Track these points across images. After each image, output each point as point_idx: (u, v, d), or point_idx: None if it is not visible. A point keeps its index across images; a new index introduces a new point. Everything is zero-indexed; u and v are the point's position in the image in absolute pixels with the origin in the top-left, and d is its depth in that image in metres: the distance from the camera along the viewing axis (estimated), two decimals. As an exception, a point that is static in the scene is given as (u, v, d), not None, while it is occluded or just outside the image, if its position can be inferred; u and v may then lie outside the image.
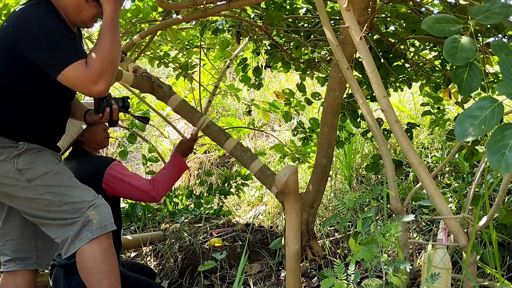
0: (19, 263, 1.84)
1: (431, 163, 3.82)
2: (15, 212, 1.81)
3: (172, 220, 3.42)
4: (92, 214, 1.66)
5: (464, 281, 1.54)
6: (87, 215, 1.66)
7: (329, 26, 1.70)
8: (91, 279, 1.66)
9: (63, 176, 1.73)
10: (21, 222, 1.83)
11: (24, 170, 1.65)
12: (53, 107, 1.75)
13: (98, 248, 1.65)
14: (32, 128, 1.70)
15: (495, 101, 1.08)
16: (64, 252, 1.68)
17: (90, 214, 1.66)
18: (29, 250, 1.86)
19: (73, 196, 1.69)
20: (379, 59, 2.47)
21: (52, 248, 1.94)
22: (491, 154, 1.02)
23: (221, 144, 2.35)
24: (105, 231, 1.68)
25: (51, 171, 1.70)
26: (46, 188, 1.67)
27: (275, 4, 2.69)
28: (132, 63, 2.48)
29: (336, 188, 4.06)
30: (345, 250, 2.65)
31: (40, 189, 1.66)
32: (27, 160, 1.66)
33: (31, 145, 1.68)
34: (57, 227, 1.69)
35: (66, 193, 1.69)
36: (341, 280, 1.35)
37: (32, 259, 1.86)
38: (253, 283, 2.27)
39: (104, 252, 1.66)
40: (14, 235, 1.84)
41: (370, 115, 1.70)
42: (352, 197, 1.55)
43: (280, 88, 5.42)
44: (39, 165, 1.68)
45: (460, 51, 1.23)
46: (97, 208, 1.68)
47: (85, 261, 1.65)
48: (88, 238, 1.65)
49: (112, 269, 1.68)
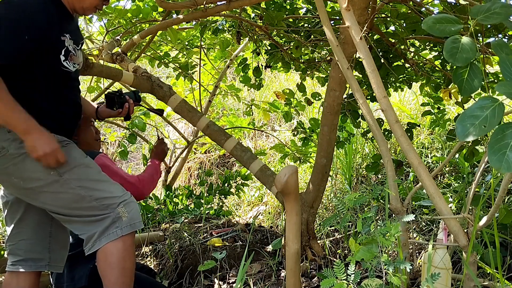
0: (32, 264, 1.81)
1: (431, 163, 3.82)
2: (32, 212, 1.78)
3: (172, 220, 3.41)
4: (122, 211, 1.64)
5: (464, 281, 1.54)
6: (117, 211, 1.63)
7: (329, 26, 1.70)
8: (110, 274, 1.63)
9: (93, 170, 1.70)
10: (36, 222, 1.80)
11: None
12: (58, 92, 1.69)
13: (122, 245, 1.63)
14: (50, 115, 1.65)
15: (496, 101, 1.08)
16: (88, 247, 1.65)
17: (121, 211, 1.64)
18: (42, 251, 1.82)
19: (103, 191, 1.65)
20: (379, 59, 2.47)
21: (65, 250, 1.91)
22: (492, 154, 1.02)
23: (221, 144, 2.35)
24: (134, 229, 1.66)
25: (82, 164, 1.67)
26: (77, 182, 1.63)
27: (275, 4, 2.69)
28: (132, 63, 2.48)
29: (336, 188, 4.06)
30: (345, 250, 2.65)
31: (72, 183, 1.62)
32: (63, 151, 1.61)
33: (58, 137, 1.64)
34: (84, 224, 1.65)
35: (97, 188, 1.65)
36: (341, 280, 1.35)
37: (44, 261, 1.83)
38: (253, 283, 2.27)
39: (127, 249, 1.65)
40: (28, 235, 1.80)
41: (370, 115, 1.70)
42: (352, 197, 1.55)
43: (280, 88, 5.42)
44: (69, 158, 1.64)
45: (461, 52, 1.23)
46: (127, 205, 1.66)
47: (108, 256, 1.62)
48: (116, 235, 1.63)
49: (131, 268, 1.67)
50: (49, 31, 1.58)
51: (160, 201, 3.67)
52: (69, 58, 1.67)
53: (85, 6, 1.68)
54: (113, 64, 2.63)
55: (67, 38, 1.65)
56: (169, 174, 4.32)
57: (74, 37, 1.71)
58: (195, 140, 4.59)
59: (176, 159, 4.40)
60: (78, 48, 1.74)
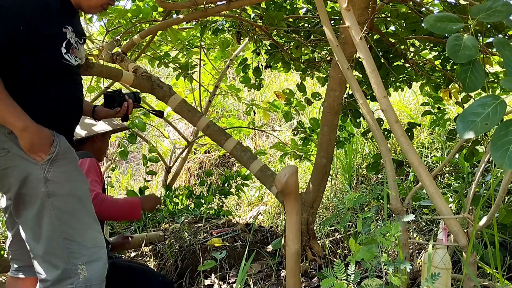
0: (34, 270, 1.70)
1: (431, 163, 3.82)
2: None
3: (172, 220, 3.41)
4: (81, 269, 1.52)
5: (464, 281, 1.53)
6: (76, 268, 1.51)
7: (329, 26, 1.69)
8: None
9: (83, 206, 1.57)
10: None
11: (51, 181, 1.49)
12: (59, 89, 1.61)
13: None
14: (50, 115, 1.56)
15: (497, 99, 1.07)
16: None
17: (81, 268, 1.52)
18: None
19: (78, 235, 1.53)
20: (379, 59, 2.47)
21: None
22: (494, 150, 1.02)
23: (221, 144, 2.35)
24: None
25: (75, 194, 1.55)
26: (60, 212, 1.50)
27: (275, 4, 2.69)
28: (132, 63, 2.48)
29: (336, 188, 4.06)
30: (345, 250, 2.64)
31: (55, 211, 1.49)
32: (59, 171, 1.51)
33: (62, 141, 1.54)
34: (43, 262, 1.53)
35: (75, 229, 1.53)
36: (341, 280, 1.35)
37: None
38: (253, 283, 2.27)
39: None
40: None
41: (370, 115, 1.70)
42: (352, 197, 1.55)
43: (280, 88, 5.42)
44: (66, 180, 1.52)
45: (463, 49, 1.23)
46: (91, 265, 1.54)
47: None
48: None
49: None
50: (47, 21, 1.51)
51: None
52: (70, 51, 1.59)
53: (92, 4, 1.64)
54: (113, 64, 2.63)
55: (69, 30, 1.58)
56: (169, 174, 4.32)
57: (76, 30, 1.63)
58: (195, 140, 4.58)
59: (176, 159, 4.40)
60: (80, 42, 1.66)
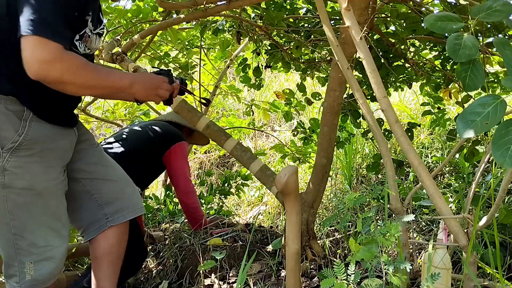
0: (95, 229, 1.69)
1: (431, 163, 3.81)
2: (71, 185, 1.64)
3: (172, 220, 3.42)
4: (29, 268, 1.47)
5: (464, 281, 1.53)
6: (23, 266, 1.46)
7: (329, 26, 1.69)
8: None
9: (42, 202, 1.46)
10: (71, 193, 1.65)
11: (9, 172, 1.39)
12: None
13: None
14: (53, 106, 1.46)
15: (498, 98, 1.07)
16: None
17: (28, 267, 1.46)
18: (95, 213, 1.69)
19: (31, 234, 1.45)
20: (379, 59, 2.47)
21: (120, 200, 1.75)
22: (495, 149, 1.02)
23: (221, 144, 2.35)
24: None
25: (34, 188, 1.43)
26: (13, 206, 1.41)
27: (275, 4, 2.69)
28: (133, 63, 2.48)
29: (336, 188, 4.06)
30: (345, 250, 2.64)
31: (8, 204, 1.40)
32: (20, 161, 1.40)
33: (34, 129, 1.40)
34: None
35: (27, 226, 1.44)
36: (341, 280, 1.35)
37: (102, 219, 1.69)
38: (253, 283, 2.27)
39: None
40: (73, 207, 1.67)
41: (370, 115, 1.70)
42: (352, 197, 1.55)
43: (280, 88, 5.42)
44: (26, 171, 1.41)
45: (463, 48, 1.22)
46: (38, 264, 1.48)
47: None
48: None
49: None
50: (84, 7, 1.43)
51: (160, 201, 3.67)
52: (83, 39, 1.49)
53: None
54: (113, 64, 2.63)
55: (90, 17, 1.48)
56: (169, 174, 4.31)
57: (94, 18, 1.53)
58: (195, 140, 4.58)
59: (176, 159, 4.39)
60: (94, 31, 1.54)
